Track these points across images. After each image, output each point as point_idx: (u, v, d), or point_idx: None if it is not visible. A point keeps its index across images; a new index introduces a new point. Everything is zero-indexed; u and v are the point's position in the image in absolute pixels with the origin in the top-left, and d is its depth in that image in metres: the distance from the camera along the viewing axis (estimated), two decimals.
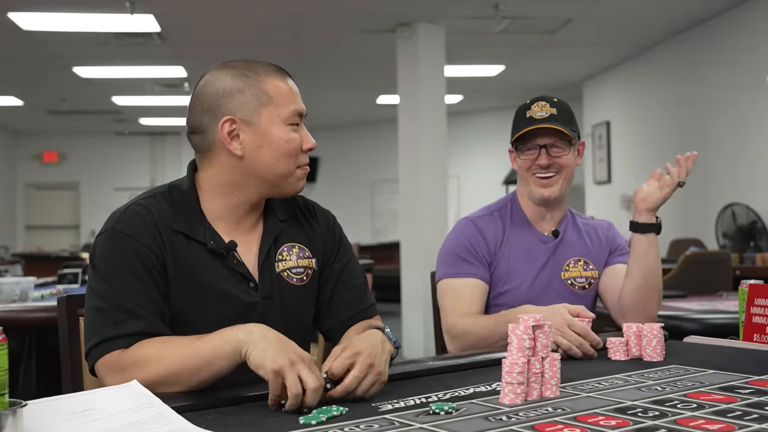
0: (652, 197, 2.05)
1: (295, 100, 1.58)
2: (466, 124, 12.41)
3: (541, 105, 2.16)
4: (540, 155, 2.13)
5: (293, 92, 1.59)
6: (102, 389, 1.34)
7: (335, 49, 8.37)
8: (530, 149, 2.15)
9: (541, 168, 2.14)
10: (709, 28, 7.44)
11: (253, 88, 1.55)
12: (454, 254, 2.18)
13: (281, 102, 1.56)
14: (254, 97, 1.54)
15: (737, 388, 1.35)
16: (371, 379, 1.34)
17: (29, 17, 6.73)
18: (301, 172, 1.61)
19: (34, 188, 14.78)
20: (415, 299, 6.99)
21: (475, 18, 7.05)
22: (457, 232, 2.22)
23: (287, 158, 1.57)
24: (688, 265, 4.81)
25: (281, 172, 1.58)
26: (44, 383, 3.32)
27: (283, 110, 1.56)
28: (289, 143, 1.56)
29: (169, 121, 13.26)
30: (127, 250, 1.48)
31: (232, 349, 1.34)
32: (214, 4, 6.67)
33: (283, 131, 1.56)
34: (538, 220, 2.23)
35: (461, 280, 2.15)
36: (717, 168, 7.29)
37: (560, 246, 2.22)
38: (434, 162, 7.18)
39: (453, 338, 2.10)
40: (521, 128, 2.14)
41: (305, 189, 1.67)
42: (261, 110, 1.55)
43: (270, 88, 1.56)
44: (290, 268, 1.63)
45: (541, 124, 2.12)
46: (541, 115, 2.14)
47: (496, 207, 2.27)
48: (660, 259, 2.11)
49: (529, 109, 2.16)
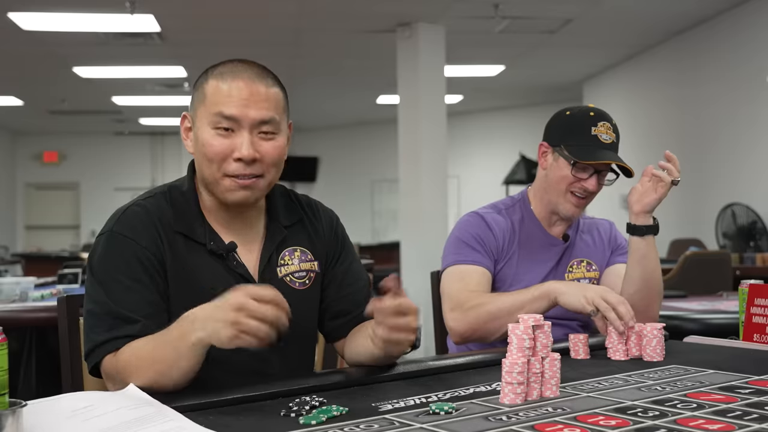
0: (648, 198, 2.02)
1: (224, 102, 1.48)
2: (466, 124, 12.40)
3: (606, 127, 2.10)
4: (591, 179, 2.09)
5: (229, 94, 1.48)
6: (100, 392, 1.34)
7: (335, 49, 8.37)
8: (586, 169, 2.09)
9: (585, 191, 2.10)
10: (709, 28, 7.44)
11: (200, 87, 1.54)
12: (462, 242, 2.12)
13: (211, 102, 1.50)
14: (198, 95, 1.54)
15: (737, 388, 1.35)
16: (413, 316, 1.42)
17: (29, 17, 6.73)
18: (230, 183, 1.50)
19: (34, 188, 14.78)
20: (415, 299, 6.93)
21: (475, 18, 7.05)
22: (465, 223, 2.17)
23: (208, 163, 1.51)
24: (688, 265, 4.81)
25: (207, 177, 1.53)
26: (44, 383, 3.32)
27: (208, 111, 1.50)
28: (206, 147, 1.50)
29: (169, 121, 13.26)
30: (126, 252, 1.48)
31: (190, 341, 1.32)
32: (214, 4, 6.67)
33: (206, 134, 1.50)
34: (549, 224, 2.21)
35: (468, 266, 2.09)
36: (717, 168, 7.29)
37: (567, 249, 2.21)
38: (434, 162, 7.18)
39: (465, 313, 2.00)
40: (589, 149, 2.07)
41: (305, 188, 1.65)
42: (198, 109, 1.53)
43: (208, 88, 1.51)
44: (293, 273, 1.62)
45: (609, 154, 2.06)
46: (606, 138, 2.09)
47: (503, 206, 2.23)
48: (659, 260, 2.09)
49: (595, 126, 2.09)
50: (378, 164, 13.65)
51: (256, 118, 1.49)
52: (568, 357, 1.71)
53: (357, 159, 14.09)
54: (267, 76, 1.54)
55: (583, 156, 2.07)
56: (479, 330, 1.99)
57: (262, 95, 1.51)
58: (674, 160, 2.02)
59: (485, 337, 2.01)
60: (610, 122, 2.11)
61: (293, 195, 1.72)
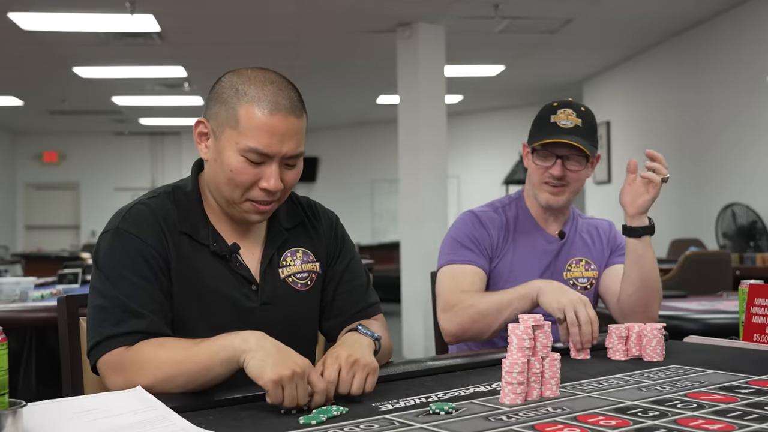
0: (641, 200, 2.01)
1: (261, 137, 1.46)
2: (466, 124, 12.41)
3: (568, 113, 2.10)
4: (555, 165, 2.09)
5: (267, 130, 1.46)
6: (105, 393, 1.34)
7: (335, 50, 8.37)
8: (547, 156, 2.10)
9: (554, 178, 2.11)
10: (709, 28, 7.44)
11: (230, 105, 1.49)
12: (456, 242, 2.15)
13: (245, 132, 1.47)
14: (227, 114, 1.49)
15: (737, 388, 1.35)
16: (361, 374, 1.34)
17: (29, 17, 6.73)
18: (250, 206, 1.52)
19: (34, 188, 14.78)
20: (415, 299, 6.99)
21: (475, 18, 7.05)
22: (460, 222, 2.20)
23: (231, 186, 1.50)
24: (688, 265, 4.81)
25: (225, 196, 1.53)
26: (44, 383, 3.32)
27: (242, 140, 1.47)
28: (234, 173, 1.48)
29: (169, 121, 13.26)
30: (132, 249, 1.48)
31: (228, 356, 1.32)
32: (214, 4, 6.67)
33: (234, 159, 1.48)
34: (544, 220, 2.22)
35: (462, 266, 2.11)
36: (717, 168, 7.30)
37: (564, 246, 2.21)
38: (434, 162, 7.18)
39: (456, 314, 2.02)
40: (543, 134, 2.09)
41: (305, 188, 1.66)
42: (225, 129, 1.49)
43: (242, 114, 1.47)
44: (295, 274, 1.63)
45: (566, 137, 2.06)
46: (565, 124, 2.09)
47: (500, 204, 2.25)
48: (656, 260, 2.10)
49: (554, 114, 2.10)
50: (378, 164, 13.65)
51: (288, 153, 1.49)
52: (568, 357, 1.71)
53: (357, 159, 14.09)
54: (298, 101, 1.52)
55: (535, 141, 2.11)
56: (470, 329, 2.01)
57: (296, 129, 1.50)
58: (658, 157, 2.01)
59: (477, 336, 2.03)
60: (575, 109, 2.11)
61: (294, 197, 1.73)
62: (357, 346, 1.42)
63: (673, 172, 2.11)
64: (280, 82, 1.51)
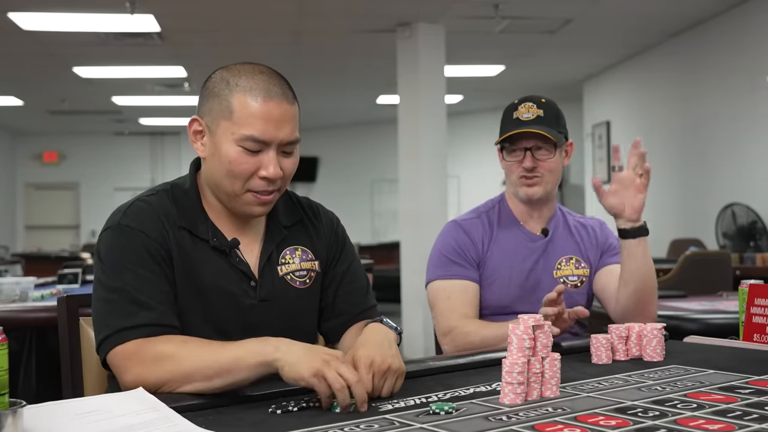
0: (636, 201, 2.04)
1: (256, 124, 1.47)
2: (466, 124, 12.40)
3: (528, 106, 2.16)
4: (525, 158, 2.14)
5: (262, 116, 1.48)
6: (107, 394, 1.34)
7: (335, 49, 8.36)
8: (516, 151, 2.17)
9: (526, 170, 2.15)
10: (709, 29, 7.44)
11: (223, 97, 1.51)
12: (443, 256, 2.19)
13: (240, 121, 1.48)
14: (221, 106, 1.51)
15: (737, 388, 1.35)
16: (392, 380, 1.35)
17: (29, 17, 6.73)
18: (252, 198, 1.53)
19: (34, 188, 14.78)
20: (415, 299, 6.98)
21: (475, 18, 7.05)
22: (444, 235, 2.24)
23: (231, 178, 1.51)
24: (688, 265, 4.81)
25: (226, 189, 1.53)
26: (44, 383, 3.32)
27: (238, 130, 1.48)
28: (232, 163, 1.49)
29: (169, 121, 13.26)
30: (136, 244, 1.48)
31: (257, 361, 1.32)
32: (214, 5, 6.67)
33: (231, 150, 1.49)
34: (526, 219, 2.24)
35: (451, 282, 2.16)
36: (717, 168, 7.29)
37: (551, 244, 2.22)
38: (434, 162, 7.18)
39: (454, 339, 2.09)
40: (507, 130, 2.16)
41: (305, 189, 1.66)
42: (220, 121, 1.51)
43: (236, 104, 1.49)
44: (293, 271, 1.63)
45: (527, 127, 2.12)
46: (527, 116, 2.14)
47: (483, 209, 2.29)
48: (652, 259, 2.11)
49: (516, 110, 2.17)
50: (378, 164, 13.65)
51: (284, 140, 1.51)
52: (568, 357, 1.71)
53: (357, 159, 14.09)
54: (289, 90, 1.54)
55: (500, 137, 2.17)
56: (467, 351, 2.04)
57: (290, 115, 1.51)
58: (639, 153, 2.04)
59: None
60: (535, 101, 2.17)
61: (294, 197, 1.73)
62: (386, 344, 1.42)
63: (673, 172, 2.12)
64: (270, 72, 1.54)
